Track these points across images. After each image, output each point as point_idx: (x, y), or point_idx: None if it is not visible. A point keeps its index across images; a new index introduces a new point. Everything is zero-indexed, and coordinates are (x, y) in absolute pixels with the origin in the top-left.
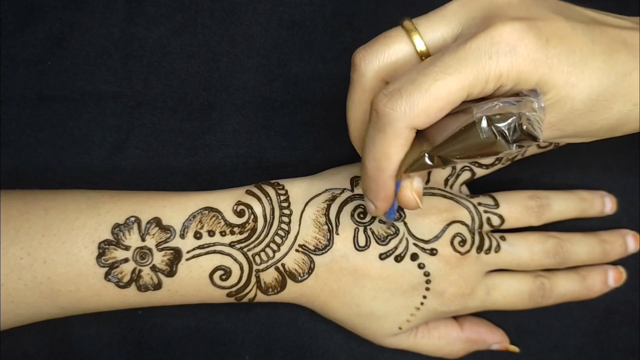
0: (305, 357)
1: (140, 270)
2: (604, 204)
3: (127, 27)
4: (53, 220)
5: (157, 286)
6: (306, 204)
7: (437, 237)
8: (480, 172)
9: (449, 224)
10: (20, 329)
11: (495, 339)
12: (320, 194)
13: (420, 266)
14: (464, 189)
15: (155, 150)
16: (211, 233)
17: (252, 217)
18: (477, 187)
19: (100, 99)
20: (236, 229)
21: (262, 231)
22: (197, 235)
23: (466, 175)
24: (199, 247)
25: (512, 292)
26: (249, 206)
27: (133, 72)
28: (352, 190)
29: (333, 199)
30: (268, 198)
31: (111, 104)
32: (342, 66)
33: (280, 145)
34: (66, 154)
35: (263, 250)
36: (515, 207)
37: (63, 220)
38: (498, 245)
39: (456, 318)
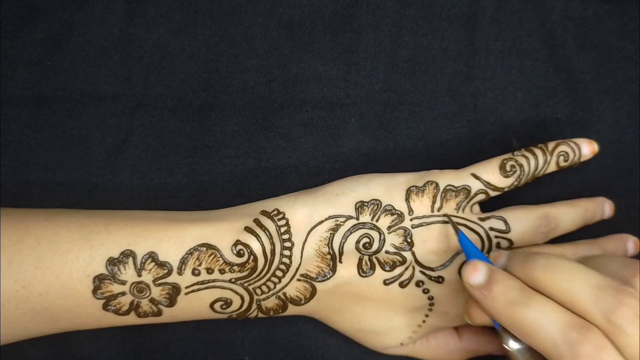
0: (305, 357)
1: (139, 302)
2: (604, 210)
3: (126, 27)
4: (45, 252)
5: (157, 314)
6: (308, 233)
7: (444, 266)
8: (495, 194)
9: (458, 253)
10: None
11: (494, 347)
12: (323, 222)
13: (425, 291)
14: (476, 208)
15: (154, 151)
16: (210, 271)
17: (251, 257)
18: None
19: (100, 99)
20: (236, 268)
21: (262, 268)
22: (195, 272)
23: (480, 197)
24: (198, 283)
25: None
26: (247, 246)
27: (132, 73)
28: (357, 219)
29: (337, 227)
30: (267, 234)
31: (111, 104)
32: (342, 67)
33: (280, 146)
34: (66, 154)
35: (264, 284)
36: (526, 231)
37: (56, 252)
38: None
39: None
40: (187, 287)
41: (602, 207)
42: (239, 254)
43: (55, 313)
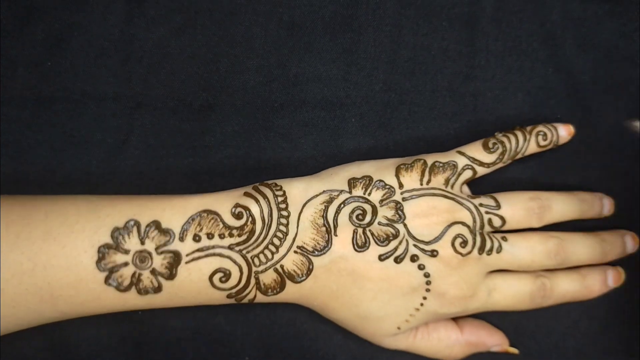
0: (305, 358)
1: (140, 274)
2: (603, 205)
3: (126, 27)
4: (53, 224)
5: (157, 289)
6: (304, 205)
7: (437, 239)
8: (481, 170)
9: (449, 225)
10: (19, 331)
11: (495, 341)
12: (318, 195)
13: (421, 267)
14: (465, 188)
15: (154, 151)
16: (210, 236)
17: (250, 219)
18: (476, 187)
19: (100, 99)
20: (235, 232)
21: (260, 233)
22: (196, 238)
23: (467, 174)
24: (198, 250)
25: (513, 293)
26: (246, 208)
27: (133, 73)
28: (349, 192)
29: (331, 200)
30: (266, 199)
31: (111, 104)
32: (342, 67)
33: (280, 146)
34: (66, 155)
35: (262, 252)
36: (516, 208)
37: (63, 223)
38: (500, 246)
39: (456, 319)
40: (187, 255)
41: (601, 202)
42: (238, 216)
43: (57, 290)
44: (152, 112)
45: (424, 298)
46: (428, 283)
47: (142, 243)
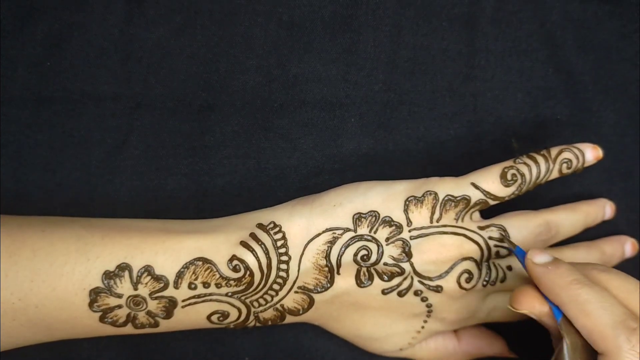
0: (305, 358)
1: (135, 314)
2: (605, 213)
3: (126, 28)
4: (41, 264)
5: (154, 325)
6: (305, 246)
7: (443, 275)
8: (494, 202)
9: (457, 262)
10: None
11: (494, 350)
12: (320, 235)
13: (423, 299)
14: (476, 214)
15: (154, 151)
16: (206, 285)
17: (247, 272)
18: None
19: (100, 100)
20: (232, 282)
21: (259, 283)
22: (192, 286)
23: (479, 206)
24: (195, 297)
25: (511, 311)
26: (243, 262)
27: (132, 73)
28: (354, 231)
29: (334, 240)
30: (263, 247)
31: (110, 105)
32: (341, 67)
33: (279, 147)
34: (65, 155)
35: (261, 297)
36: (525, 239)
37: (52, 264)
38: (504, 276)
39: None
40: (183, 301)
41: (603, 210)
42: (235, 269)
43: (52, 324)
44: (151, 112)
45: (425, 322)
46: (429, 312)
47: (135, 288)
